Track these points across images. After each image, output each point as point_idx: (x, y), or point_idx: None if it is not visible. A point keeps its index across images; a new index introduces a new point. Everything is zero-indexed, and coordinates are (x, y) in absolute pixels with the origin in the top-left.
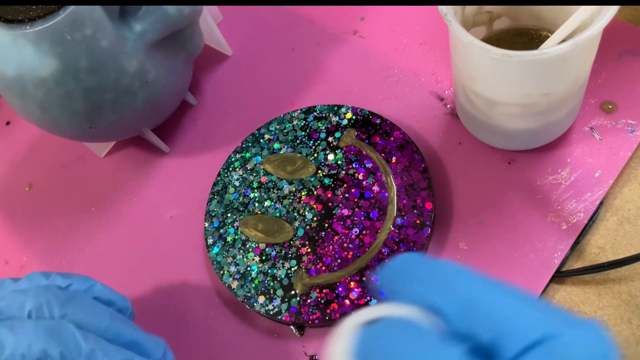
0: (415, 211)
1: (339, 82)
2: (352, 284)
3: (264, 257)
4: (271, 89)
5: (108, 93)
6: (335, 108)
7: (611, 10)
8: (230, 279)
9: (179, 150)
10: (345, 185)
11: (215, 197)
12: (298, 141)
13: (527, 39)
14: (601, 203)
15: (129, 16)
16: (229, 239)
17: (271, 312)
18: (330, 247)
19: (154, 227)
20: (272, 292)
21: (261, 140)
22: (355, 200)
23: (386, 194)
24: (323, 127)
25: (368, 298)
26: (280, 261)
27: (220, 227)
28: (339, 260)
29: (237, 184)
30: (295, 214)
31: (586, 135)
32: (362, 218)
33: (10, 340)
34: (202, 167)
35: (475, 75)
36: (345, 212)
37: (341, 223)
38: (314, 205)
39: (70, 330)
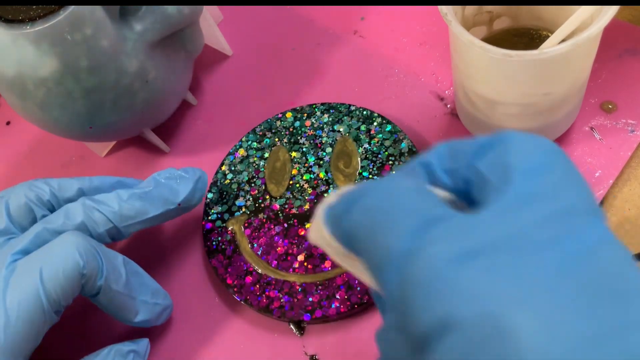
0: None
1: (339, 81)
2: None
3: None
4: (271, 89)
5: (108, 93)
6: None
7: (611, 10)
8: None
9: (180, 150)
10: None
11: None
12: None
13: (527, 39)
14: (601, 203)
15: (129, 16)
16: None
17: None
18: None
19: (154, 227)
20: None
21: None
22: None
23: None
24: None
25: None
26: None
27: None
28: None
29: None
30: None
31: (586, 135)
32: None
33: None
34: (202, 167)
35: (475, 75)
36: None
37: None
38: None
39: None
